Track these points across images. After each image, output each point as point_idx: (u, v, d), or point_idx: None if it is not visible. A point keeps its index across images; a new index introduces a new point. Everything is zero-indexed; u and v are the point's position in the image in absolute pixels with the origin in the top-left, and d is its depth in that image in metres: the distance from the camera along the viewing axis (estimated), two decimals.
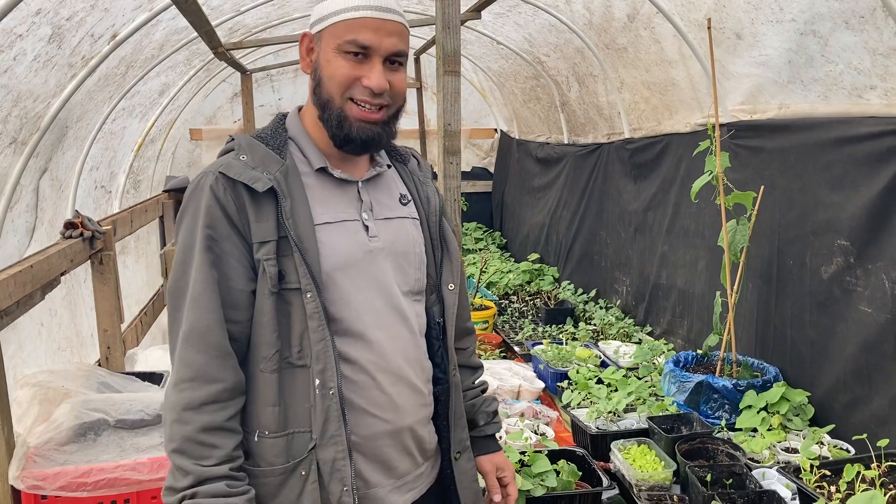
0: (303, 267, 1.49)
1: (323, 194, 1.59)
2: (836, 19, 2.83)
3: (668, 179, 4.48)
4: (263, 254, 1.49)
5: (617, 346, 4.42)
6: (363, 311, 1.59)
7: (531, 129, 7.25)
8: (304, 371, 1.52)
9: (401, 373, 1.63)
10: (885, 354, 2.85)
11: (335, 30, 1.53)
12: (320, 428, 1.51)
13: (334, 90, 1.54)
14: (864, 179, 2.94)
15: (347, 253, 1.57)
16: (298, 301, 1.51)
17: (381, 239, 1.63)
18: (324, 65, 1.55)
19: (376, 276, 1.62)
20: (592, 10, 4.38)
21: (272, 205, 1.51)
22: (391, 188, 1.73)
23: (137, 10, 3.40)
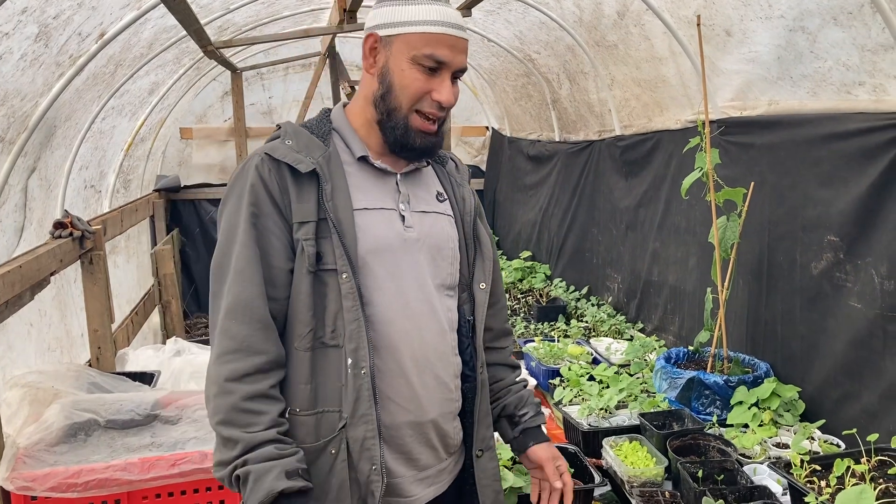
0: (340, 248, 1.54)
1: (362, 182, 1.64)
2: (824, 15, 2.84)
3: (659, 176, 4.49)
4: (303, 234, 1.54)
5: (609, 342, 4.43)
6: (394, 298, 1.62)
7: (522, 127, 7.25)
8: (336, 351, 1.56)
9: (427, 364, 1.65)
10: (874, 349, 2.86)
11: (412, 40, 1.56)
12: (351, 407, 1.54)
13: (405, 100, 1.59)
14: (853, 175, 2.95)
15: (383, 238, 1.62)
16: (334, 282, 1.55)
17: (417, 230, 1.67)
18: (396, 72, 1.58)
19: (410, 266, 1.65)
20: (582, 8, 4.38)
21: (314, 187, 1.56)
22: (429, 185, 1.77)
23: (125, 9, 3.38)
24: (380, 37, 1.60)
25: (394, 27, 1.57)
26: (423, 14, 1.55)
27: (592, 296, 5.50)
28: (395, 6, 1.59)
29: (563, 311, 5.26)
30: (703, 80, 3.36)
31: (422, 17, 1.55)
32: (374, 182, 1.66)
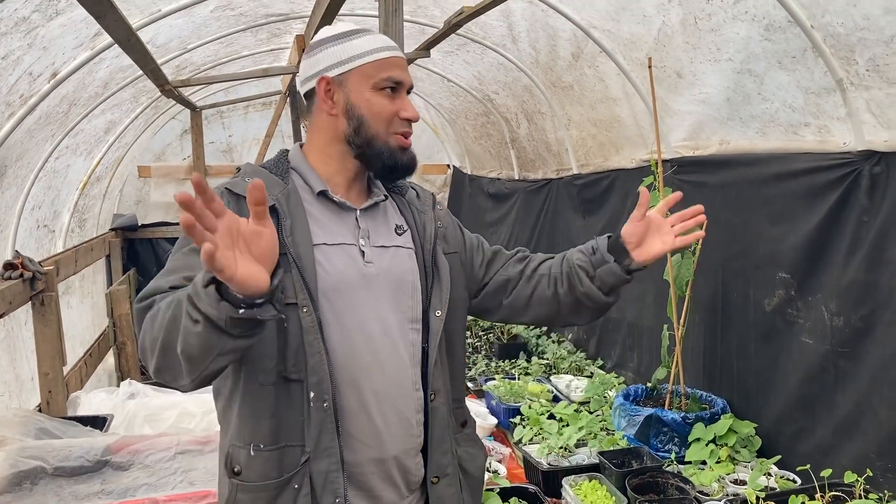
0: (300, 283, 1.54)
1: (322, 217, 1.66)
2: (769, 59, 2.93)
3: (616, 214, 4.55)
4: None
5: (569, 380, 4.43)
6: (356, 333, 1.62)
7: (483, 165, 7.31)
8: (297, 385, 1.55)
9: (389, 400, 1.65)
10: (826, 385, 2.91)
11: (367, 70, 1.63)
12: (314, 440, 1.54)
13: (381, 126, 1.64)
14: (802, 214, 3.02)
15: (344, 274, 1.62)
16: (295, 316, 1.54)
17: (377, 265, 1.68)
18: (362, 104, 1.63)
19: (371, 301, 1.65)
20: (538, 49, 4.45)
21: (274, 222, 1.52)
22: (388, 218, 1.78)
23: (79, 49, 3.36)
24: (331, 78, 1.64)
25: (344, 65, 1.63)
26: (367, 45, 1.63)
27: (553, 333, 5.51)
28: (335, 47, 1.64)
29: (524, 349, 5.26)
30: (655, 120, 3.42)
31: (368, 48, 1.63)
32: (334, 217, 1.68)
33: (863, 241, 2.74)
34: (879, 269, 2.67)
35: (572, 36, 3.98)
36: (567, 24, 3.86)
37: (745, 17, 2.89)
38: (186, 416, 3.71)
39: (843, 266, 2.82)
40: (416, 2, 4.40)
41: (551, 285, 1.83)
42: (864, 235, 2.73)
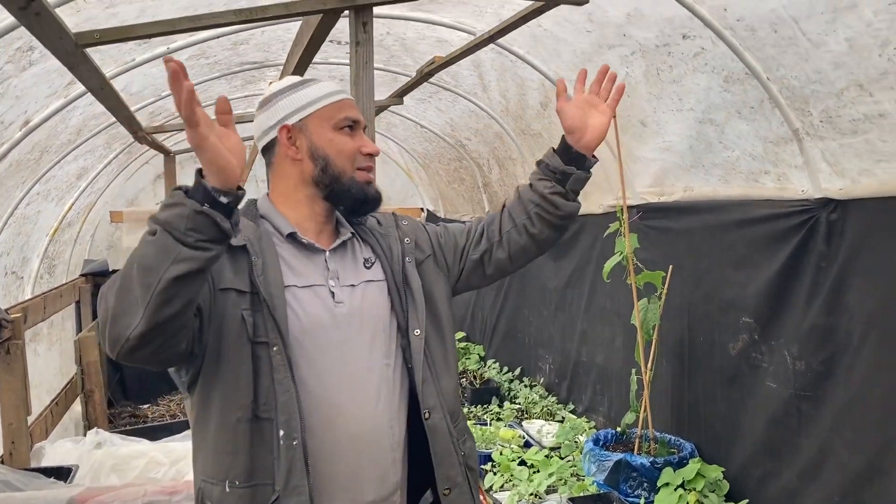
0: (271, 322, 1.56)
1: (292, 260, 1.69)
2: (729, 109, 3.02)
3: (585, 258, 4.61)
4: (243, 304, 1.56)
5: (541, 425, 4.44)
6: (327, 373, 1.64)
7: (456, 209, 7.38)
8: (268, 424, 1.56)
9: (363, 442, 1.65)
10: (790, 428, 2.95)
11: (325, 113, 1.69)
12: (283, 479, 1.54)
13: (345, 163, 1.70)
14: (763, 259, 3.09)
15: (315, 316, 1.64)
16: (266, 355, 1.56)
17: (347, 305, 1.70)
18: (325, 145, 1.70)
19: (343, 342, 1.67)
20: (508, 98, 4.55)
21: (246, 262, 1.59)
22: (356, 254, 1.81)
23: (52, 97, 3.38)
24: (292, 125, 1.70)
25: (302, 111, 1.70)
26: (321, 91, 1.71)
27: (525, 377, 5.53)
28: (291, 97, 1.71)
29: (496, 393, 5.26)
30: (620, 168, 3.50)
31: (322, 93, 1.71)
32: (304, 260, 1.71)
33: (822, 287, 2.80)
34: (838, 313, 2.73)
35: (540, 85, 4.07)
36: (535, 74, 3.96)
37: (704, 69, 2.99)
38: (154, 465, 3.66)
39: (803, 311, 2.88)
40: (388, 51, 4.49)
41: (522, 233, 1.85)
42: (822, 281, 2.80)
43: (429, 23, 3.84)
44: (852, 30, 2.26)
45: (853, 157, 2.61)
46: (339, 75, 5.18)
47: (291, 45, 3.85)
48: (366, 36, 2.57)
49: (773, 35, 2.55)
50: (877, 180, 2.57)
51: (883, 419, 2.55)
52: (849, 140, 2.58)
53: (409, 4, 3.48)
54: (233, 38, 3.89)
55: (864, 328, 2.63)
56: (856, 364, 2.67)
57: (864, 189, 2.63)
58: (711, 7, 2.69)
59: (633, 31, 3.11)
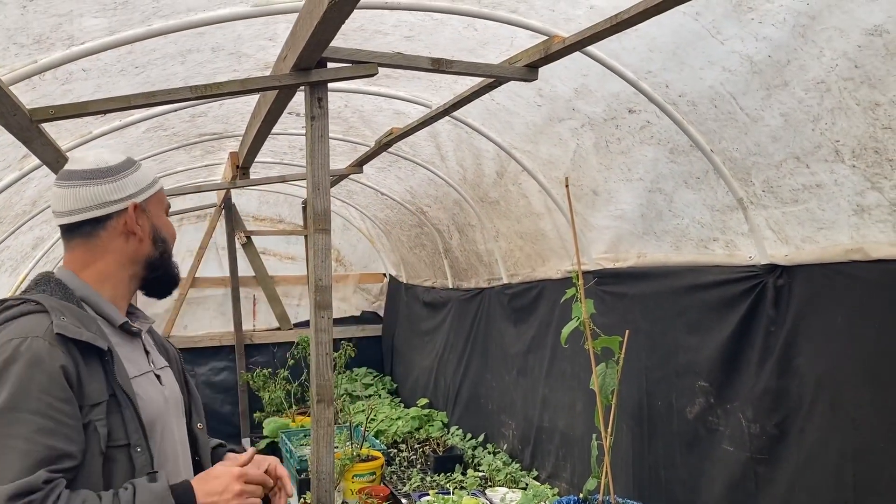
0: (133, 422, 1.54)
1: (124, 349, 1.67)
2: (676, 179, 3.12)
3: (545, 323, 4.64)
4: (95, 415, 1.50)
5: (504, 492, 4.39)
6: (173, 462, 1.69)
7: (418, 274, 7.41)
8: None
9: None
10: (748, 492, 2.96)
11: (160, 196, 1.81)
12: None
13: (171, 244, 1.82)
14: (715, 324, 3.15)
15: (156, 402, 1.68)
16: (124, 457, 1.54)
17: (168, 388, 1.77)
18: (164, 226, 1.81)
19: (172, 423, 1.74)
20: (465, 167, 4.64)
21: (98, 364, 1.55)
22: (149, 339, 1.86)
23: (6, 170, 3.37)
24: (138, 204, 1.74)
25: (146, 191, 1.77)
26: (152, 174, 1.81)
27: (489, 443, 5.49)
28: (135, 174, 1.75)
29: (459, 461, 5.21)
30: (574, 236, 3.57)
31: (152, 178, 1.80)
32: (130, 346, 1.71)
33: (772, 350, 2.86)
34: (788, 376, 2.79)
35: (496, 155, 4.17)
36: (490, 146, 4.05)
37: (651, 141, 3.09)
38: None
39: (755, 374, 2.93)
40: (347, 122, 4.57)
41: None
42: (772, 345, 2.86)
43: (386, 96, 3.93)
44: (786, 106, 2.37)
45: (796, 224, 2.70)
46: (299, 145, 5.25)
47: (250, 117, 3.91)
48: (321, 111, 2.63)
49: (714, 110, 2.67)
50: (819, 247, 2.66)
51: (836, 482, 2.58)
52: (790, 209, 2.68)
53: (365, 80, 3.56)
54: (191, 110, 3.93)
55: (814, 391, 2.68)
56: (807, 427, 2.71)
57: (808, 255, 2.71)
58: (654, 83, 2.80)
59: (581, 105, 3.22)
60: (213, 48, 2.99)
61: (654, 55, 2.67)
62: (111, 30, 2.49)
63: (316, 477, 2.52)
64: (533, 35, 2.82)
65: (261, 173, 6.00)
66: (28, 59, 2.40)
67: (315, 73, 2.59)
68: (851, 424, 2.53)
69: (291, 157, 5.74)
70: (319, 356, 2.58)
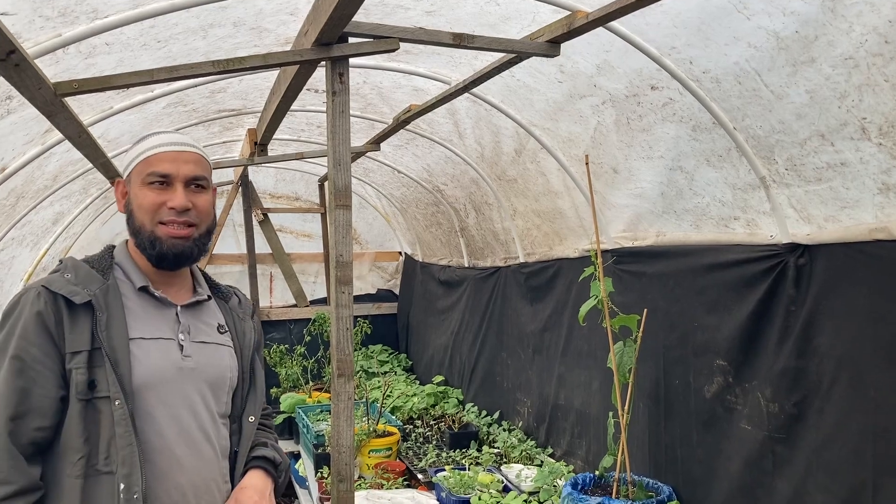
0: (112, 376, 1.61)
1: (141, 312, 1.75)
2: (698, 157, 3.10)
3: (561, 302, 4.64)
4: (75, 364, 1.62)
5: (519, 469, 4.42)
6: (168, 426, 1.71)
7: (434, 253, 7.42)
8: (109, 477, 1.61)
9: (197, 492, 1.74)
10: (765, 471, 2.97)
11: (138, 168, 1.79)
12: None
13: (144, 217, 1.77)
14: (734, 303, 3.14)
15: (159, 367, 1.71)
16: (108, 409, 1.62)
17: (195, 360, 1.79)
18: (133, 199, 1.80)
19: (185, 395, 1.75)
20: (483, 145, 4.62)
21: (88, 318, 1.65)
22: (210, 316, 1.90)
23: (29, 144, 3.39)
24: (123, 180, 1.84)
25: (128, 167, 1.83)
26: (144, 146, 1.81)
27: (504, 420, 5.51)
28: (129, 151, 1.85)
29: (475, 437, 5.24)
30: (593, 213, 3.56)
31: (143, 148, 1.81)
32: (154, 312, 1.78)
33: (792, 330, 2.85)
34: (808, 356, 2.78)
35: (515, 133, 4.15)
36: (509, 123, 4.04)
37: (673, 119, 3.07)
38: None
39: (774, 354, 2.93)
40: (365, 99, 4.56)
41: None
42: (792, 324, 2.85)
43: (405, 72, 3.92)
44: (812, 83, 2.35)
45: (819, 203, 2.68)
46: (317, 122, 5.24)
47: (269, 93, 3.91)
48: (342, 86, 2.62)
49: (738, 87, 2.64)
50: (842, 226, 2.64)
51: (854, 461, 2.58)
52: (813, 187, 2.66)
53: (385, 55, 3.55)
54: (211, 86, 3.94)
55: (834, 371, 2.68)
56: (826, 407, 2.71)
57: (831, 234, 2.69)
58: (678, 60, 2.77)
59: (603, 81, 3.20)
60: (234, 23, 2.99)
61: (679, 31, 2.64)
62: (134, 3, 2.49)
63: (336, 450, 2.55)
64: (555, 10, 2.79)
65: (278, 150, 6.01)
66: (52, 33, 2.41)
67: (336, 48, 2.59)
68: (872, 404, 2.52)
69: (309, 135, 5.74)
70: (340, 331, 2.60)
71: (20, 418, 1.57)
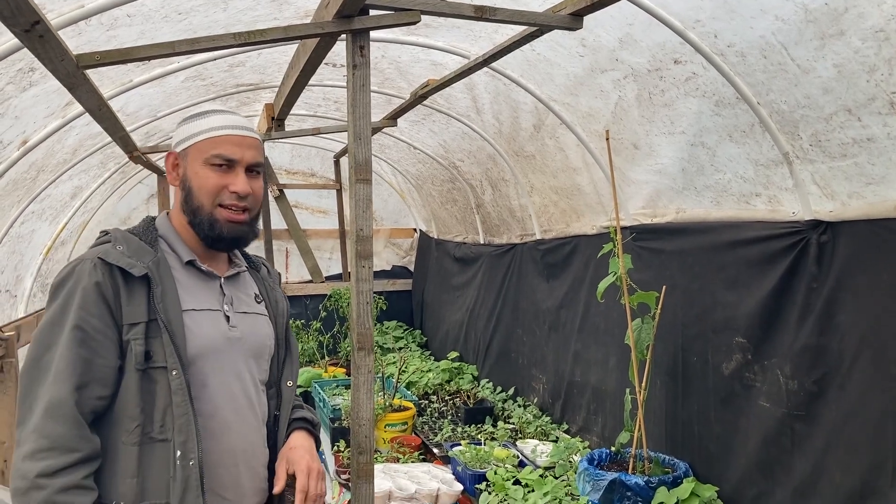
0: (170, 347, 1.65)
1: (190, 285, 1.79)
2: (720, 133, 3.07)
3: (578, 279, 4.63)
4: (133, 335, 1.65)
5: (534, 444, 4.44)
6: (219, 393, 1.75)
7: (449, 230, 7.41)
8: (164, 445, 1.65)
9: (245, 456, 1.79)
10: (783, 448, 2.97)
11: (201, 146, 1.78)
12: (179, 497, 1.63)
13: (204, 198, 1.78)
14: (755, 280, 3.12)
15: (210, 338, 1.76)
16: (164, 378, 1.65)
17: (240, 330, 1.83)
18: (192, 177, 1.79)
19: (233, 363, 1.80)
20: (501, 121, 4.60)
21: (144, 290, 1.68)
22: (247, 287, 1.95)
23: (50, 118, 3.41)
24: (178, 153, 1.83)
25: (186, 141, 1.81)
26: (207, 124, 1.79)
27: (519, 396, 5.53)
28: (186, 125, 1.83)
29: (490, 413, 5.26)
30: (613, 190, 3.54)
31: (206, 126, 1.79)
32: (201, 285, 1.82)
33: (813, 307, 2.84)
34: (829, 333, 2.77)
35: (534, 108, 4.12)
36: (528, 98, 4.01)
37: (696, 94, 3.04)
38: None
39: (795, 331, 2.91)
40: (383, 74, 4.54)
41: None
42: (813, 302, 2.83)
43: (424, 46, 3.89)
44: (840, 56, 2.31)
45: (843, 179, 2.65)
46: (334, 97, 5.23)
47: (287, 67, 3.90)
48: (363, 60, 2.61)
49: (763, 61, 2.61)
50: (866, 202, 2.61)
51: (875, 439, 2.57)
52: (838, 163, 2.63)
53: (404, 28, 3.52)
54: (229, 60, 3.93)
55: (856, 348, 2.66)
56: (847, 384, 2.70)
57: (854, 211, 2.67)
58: (702, 33, 2.74)
59: (625, 55, 3.16)
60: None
61: (704, 3, 2.61)
62: None
63: (356, 423, 2.56)
64: None
65: (294, 126, 6.01)
66: (75, 4, 2.41)
67: (357, 20, 2.57)
68: (894, 382, 2.51)
69: (325, 110, 5.73)
70: (360, 305, 2.60)
71: (84, 387, 1.59)
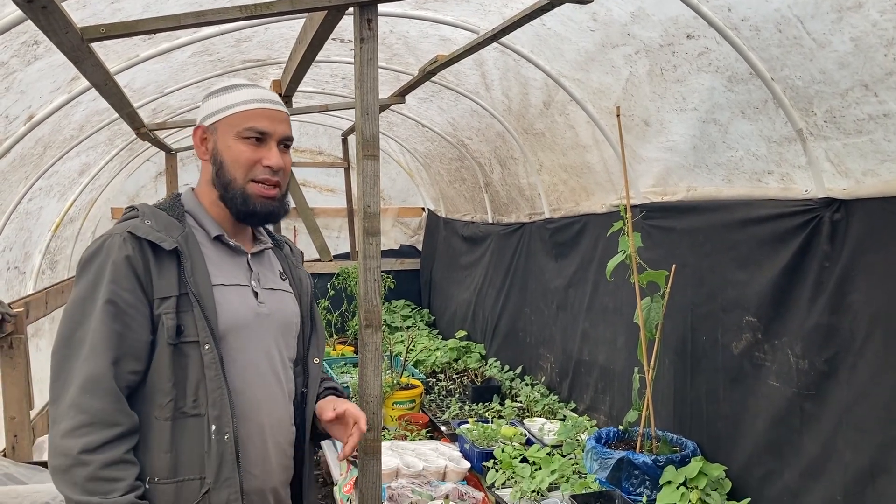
0: (202, 321, 1.64)
1: (218, 260, 1.77)
2: (733, 109, 3.02)
3: (587, 258, 4.61)
4: (164, 309, 1.63)
5: (542, 423, 4.44)
6: (249, 369, 1.74)
7: (457, 209, 7.38)
8: (197, 420, 1.64)
9: (272, 432, 1.79)
10: (792, 427, 2.95)
11: (233, 120, 1.75)
12: (215, 472, 1.63)
13: (238, 172, 1.75)
14: (766, 259, 3.09)
15: (240, 313, 1.75)
16: (196, 353, 1.64)
17: (268, 306, 1.82)
18: (224, 151, 1.76)
19: (262, 339, 1.79)
20: (511, 98, 4.55)
21: (174, 264, 1.67)
22: (272, 264, 1.93)
23: (56, 92, 3.38)
24: (206, 127, 1.79)
25: (216, 115, 1.77)
26: (238, 98, 1.76)
27: (526, 375, 5.53)
28: (213, 100, 1.79)
29: (497, 391, 5.26)
30: (623, 168, 3.51)
31: (238, 100, 1.76)
32: (229, 260, 1.80)
33: (825, 286, 2.81)
34: (841, 313, 2.74)
35: (543, 85, 4.08)
36: (538, 74, 3.96)
37: (708, 69, 2.99)
38: None
39: (806, 310, 2.88)
40: (391, 49, 4.49)
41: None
42: (825, 280, 2.80)
43: (432, 21, 3.84)
44: (858, 30, 2.26)
45: (857, 157, 2.61)
46: (342, 73, 5.19)
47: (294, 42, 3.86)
48: (370, 33, 2.57)
49: (778, 35, 2.56)
50: (881, 180, 2.57)
51: (886, 419, 2.55)
52: (853, 140, 2.58)
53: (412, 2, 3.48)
54: (236, 35, 3.89)
55: (868, 328, 2.63)
56: (859, 363, 2.67)
57: (869, 189, 2.63)
58: (715, 7, 2.69)
59: (637, 30, 3.11)
60: None
61: None
62: None
63: (364, 400, 2.56)
64: None
65: (302, 103, 5.97)
66: None
67: None
68: None
69: (333, 87, 5.69)
70: (368, 282, 2.58)
71: (119, 362, 1.59)
